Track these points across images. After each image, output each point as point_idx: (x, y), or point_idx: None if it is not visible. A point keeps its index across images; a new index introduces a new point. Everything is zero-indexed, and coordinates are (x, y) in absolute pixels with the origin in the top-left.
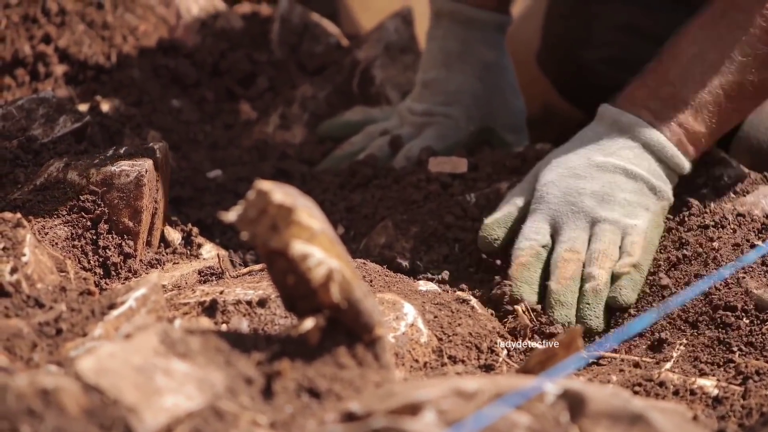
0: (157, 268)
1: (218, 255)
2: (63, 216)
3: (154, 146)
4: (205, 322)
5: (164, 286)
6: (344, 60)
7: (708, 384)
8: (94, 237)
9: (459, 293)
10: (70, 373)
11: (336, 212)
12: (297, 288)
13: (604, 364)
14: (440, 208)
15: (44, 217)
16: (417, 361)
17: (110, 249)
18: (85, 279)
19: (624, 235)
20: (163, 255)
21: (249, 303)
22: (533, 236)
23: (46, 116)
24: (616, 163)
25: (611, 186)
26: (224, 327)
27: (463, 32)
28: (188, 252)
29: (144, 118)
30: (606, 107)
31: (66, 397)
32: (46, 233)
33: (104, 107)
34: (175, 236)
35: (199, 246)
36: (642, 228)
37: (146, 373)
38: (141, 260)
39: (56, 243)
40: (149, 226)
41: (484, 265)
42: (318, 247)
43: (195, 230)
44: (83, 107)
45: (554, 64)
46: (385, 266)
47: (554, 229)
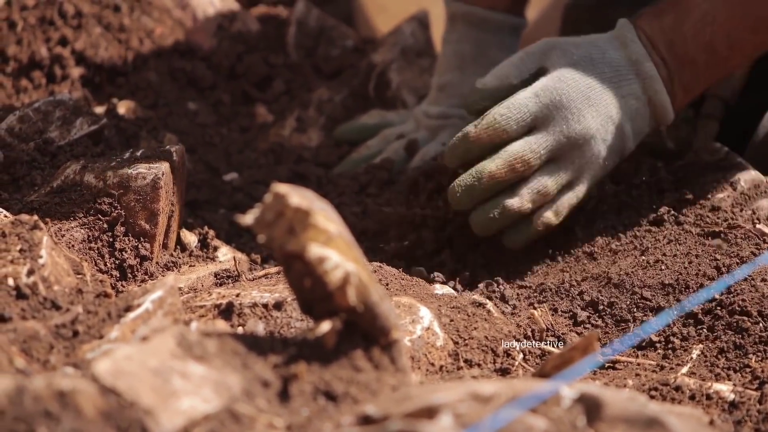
0: (174, 271)
1: (234, 258)
2: (80, 218)
3: (171, 149)
4: (222, 325)
5: (180, 289)
6: (360, 63)
7: (724, 389)
8: (111, 239)
9: (475, 297)
10: (87, 376)
11: (352, 215)
12: (313, 291)
13: (620, 368)
14: (455, 214)
15: (61, 220)
16: (433, 365)
17: (127, 251)
18: (102, 281)
19: (569, 185)
20: (180, 258)
21: (265, 306)
22: (509, 76)
23: (63, 119)
24: (621, 114)
25: (604, 132)
26: (240, 330)
27: (477, 35)
28: (204, 255)
29: (160, 121)
30: (633, 37)
31: (83, 400)
32: (63, 235)
33: (121, 110)
34: (192, 239)
35: (216, 249)
36: (583, 195)
37: (163, 376)
38: (157, 263)
39: (73, 245)
40: (165, 229)
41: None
42: (335, 250)
43: (211, 233)
44: (100, 110)
45: None
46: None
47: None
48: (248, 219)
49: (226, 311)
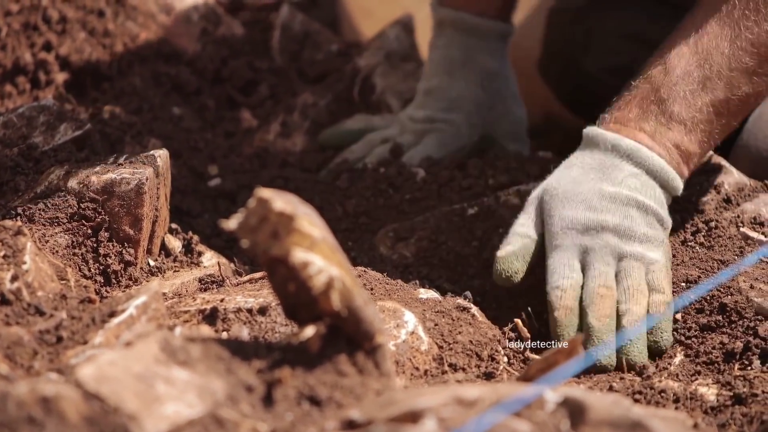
0: (158, 276)
1: (219, 263)
2: (64, 224)
3: (155, 154)
4: (206, 330)
5: (165, 294)
6: (345, 68)
7: (708, 392)
8: (95, 245)
9: (459, 301)
10: (71, 381)
11: (336, 220)
12: (298, 296)
13: (605, 372)
14: (439, 219)
15: (45, 225)
16: (417, 369)
17: (111, 257)
18: (86, 287)
19: (647, 271)
20: (164, 263)
21: (249, 311)
22: (568, 273)
23: (47, 124)
24: (628, 195)
25: (629, 220)
26: (225, 335)
27: (466, 41)
28: (189, 260)
29: (145, 126)
30: (598, 131)
31: (66, 405)
32: (47, 241)
33: (105, 115)
34: (176, 244)
35: (200, 254)
36: (663, 263)
37: (147, 381)
38: (141, 268)
39: (57, 251)
40: (150, 234)
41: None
42: (319, 255)
43: (196, 238)
44: (84, 115)
45: (556, 73)
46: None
47: (582, 264)
48: (232, 224)
49: (211, 316)
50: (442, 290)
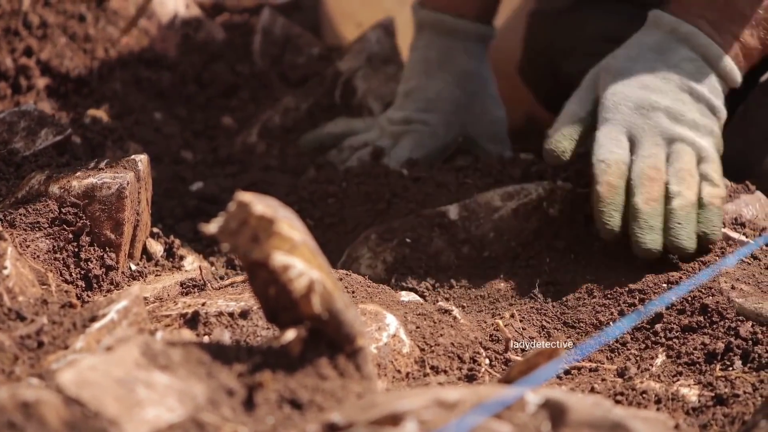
0: (139, 280)
1: (200, 267)
2: (45, 228)
3: (136, 158)
4: (187, 334)
5: (146, 299)
6: (326, 71)
7: (690, 393)
8: (76, 249)
9: (441, 303)
10: (52, 386)
11: (316, 223)
12: (278, 299)
13: (586, 373)
14: (421, 221)
15: (26, 230)
16: (399, 372)
17: (92, 261)
18: (67, 292)
19: (699, 159)
20: (145, 267)
21: (231, 315)
22: (615, 149)
23: (28, 129)
24: (682, 80)
25: (681, 104)
26: (206, 339)
27: (444, 42)
28: (170, 264)
29: (126, 131)
30: (661, 14)
31: (47, 410)
32: (28, 246)
33: (86, 120)
34: (157, 248)
35: (181, 258)
36: (714, 154)
37: (127, 386)
38: (123, 272)
39: (38, 256)
40: (131, 239)
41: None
42: (299, 258)
43: (177, 242)
44: (65, 120)
45: (536, 76)
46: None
47: (631, 143)
48: (212, 228)
49: (192, 320)
50: (424, 293)
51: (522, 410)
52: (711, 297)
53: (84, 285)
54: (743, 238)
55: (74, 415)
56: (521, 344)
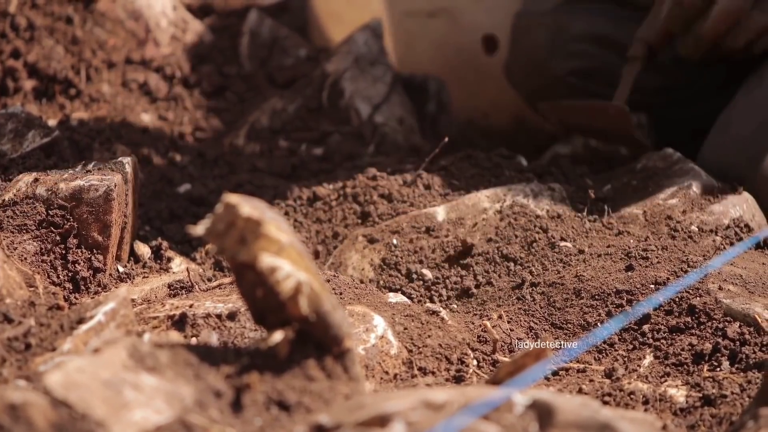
0: (127, 282)
1: (188, 269)
2: (32, 231)
3: (124, 160)
4: (175, 336)
5: (133, 300)
6: (314, 73)
7: (677, 393)
8: (64, 251)
9: (429, 305)
10: (39, 388)
11: (304, 223)
12: (266, 301)
13: (574, 374)
14: (408, 223)
15: (13, 232)
16: (387, 373)
17: (79, 263)
18: (55, 294)
19: None
20: (133, 269)
21: (218, 316)
22: None
23: (15, 131)
24: None
25: None
26: (194, 340)
27: None
28: (158, 266)
29: (113, 133)
30: None
31: (34, 412)
32: (15, 248)
33: (73, 122)
34: (145, 250)
35: (169, 260)
36: None
37: (115, 387)
38: (110, 274)
39: (25, 258)
40: (119, 240)
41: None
42: (286, 260)
43: (165, 244)
44: (52, 122)
45: (523, 77)
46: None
47: None
48: (200, 229)
49: (180, 322)
50: (412, 294)
51: (510, 411)
52: (698, 298)
53: (71, 287)
54: (731, 239)
55: (62, 417)
56: (508, 345)
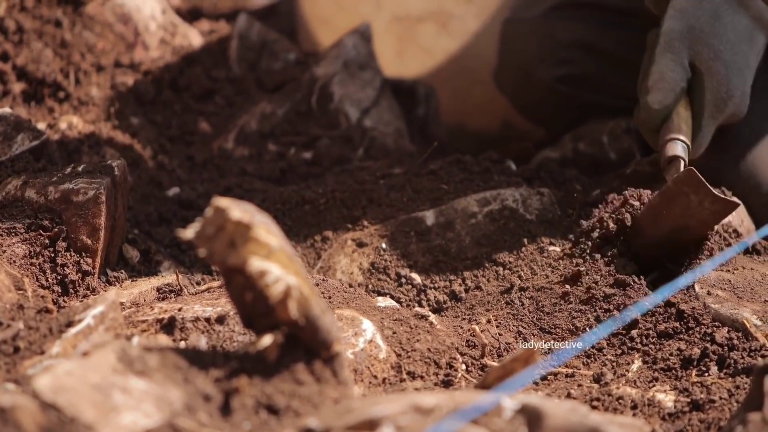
0: (116, 286)
1: (177, 272)
2: (21, 234)
3: (113, 164)
4: (164, 339)
5: (122, 304)
6: (303, 77)
7: (666, 398)
8: (53, 255)
9: (417, 309)
10: (28, 391)
11: (293, 228)
12: (255, 305)
13: (562, 379)
14: (397, 227)
15: (2, 235)
16: (376, 377)
17: (68, 266)
18: (43, 297)
19: None
20: (122, 272)
21: (207, 320)
22: None
23: (4, 134)
24: None
25: None
26: (183, 344)
27: None
28: (146, 269)
29: (102, 136)
30: None
31: (23, 416)
32: (4, 251)
33: (62, 125)
34: (134, 254)
35: (158, 263)
36: None
37: (104, 391)
38: (99, 277)
39: (14, 261)
40: (107, 244)
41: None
42: (276, 264)
43: (153, 247)
44: (41, 125)
45: (512, 83)
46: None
47: None
48: (189, 233)
49: (168, 325)
50: (400, 298)
51: (499, 416)
52: (687, 303)
53: (60, 290)
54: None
55: (50, 421)
56: (497, 350)
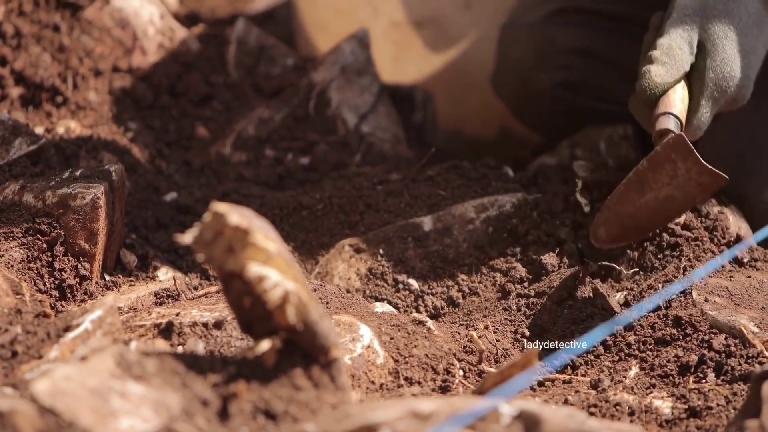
0: (113, 291)
1: (174, 277)
2: (19, 238)
3: (110, 168)
4: (162, 344)
5: (120, 308)
6: (301, 82)
7: (663, 405)
8: (50, 259)
9: (415, 314)
10: (26, 396)
11: (290, 233)
12: (253, 310)
13: (560, 385)
14: (395, 232)
15: (0, 240)
16: (373, 383)
17: (66, 271)
18: (41, 301)
19: None
20: (119, 277)
21: (205, 325)
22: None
23: (2, 138)
24: None
25: None
26: (180, 349)
27: None
28: (144, 274)
29: (100, 141)
30: None
31: (21, 420)
32: (2, 255)
33: (60, 129)
34: (131, 258)
35: (156, 268)
36: None
37: (102, 396)
38: (97, 282)
39: (12, 265)
40: (105, 248)
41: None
42: (274, 269)
43: (151, 252)
44: (39, 129)
45: (509, 88)
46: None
47: None
48: (187, 238)
49: (166, 330)
50: (398, 304)
51: (496, 422)
52: (684, 309)
53: (58, 295)
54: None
55: (48, 425)
56: (494, 355)
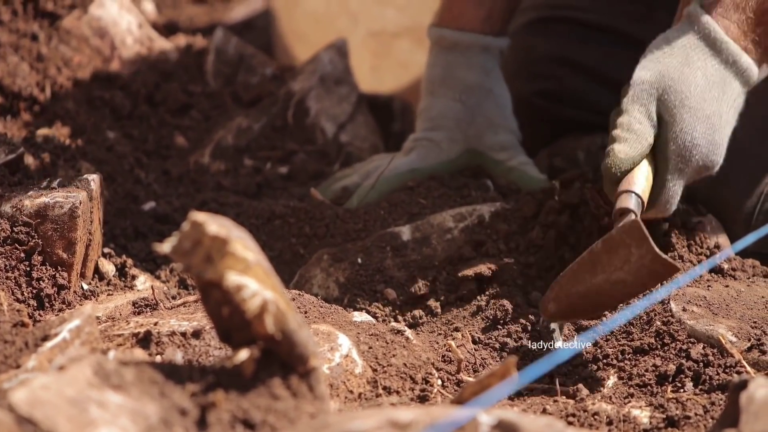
0: (92, 300)
1: (152, 286)
2: None
3: (89, 178)
4: (140, 354)
5: (98, 318)
6: (279, 91)
7: (641, 414)
8: (28, 268)
9: (394, 324)
10: (4, 405)
11: (268, 242)
12: (232, 319)
13: (538, 395)
14: (373, 242)
15: None
16: (352, 392)
17: (44, 280)
18: (19, 310)
19: None
20: (98, 286)
21: (183, 334)
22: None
23: None
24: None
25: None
26: (159, 358)
27: (446, 57)
28: (122, 283)
29: (78, 150)
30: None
31: None
32: None
33: (38, 139)
34: (110, 268)
35: (134, 277)
36: None
37: (80, 405)
38: (75, 292)
39: None
40: (83, 258)
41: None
42: (253, 279)
43: (129, 262)
44: (17, 139)
45: None
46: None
47: None
48: (166, 247)
49: (144, 340)
50: (376, 313)
51: (475, 431)
52: (662, 319)
53: (36, 304)
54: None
55: None
56: (473, 365)
